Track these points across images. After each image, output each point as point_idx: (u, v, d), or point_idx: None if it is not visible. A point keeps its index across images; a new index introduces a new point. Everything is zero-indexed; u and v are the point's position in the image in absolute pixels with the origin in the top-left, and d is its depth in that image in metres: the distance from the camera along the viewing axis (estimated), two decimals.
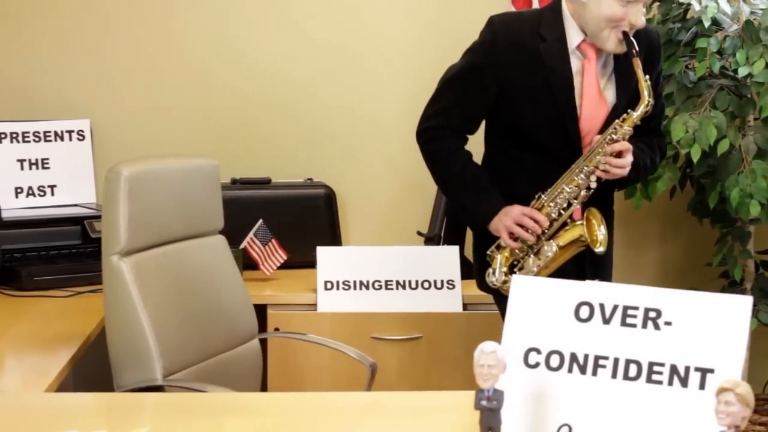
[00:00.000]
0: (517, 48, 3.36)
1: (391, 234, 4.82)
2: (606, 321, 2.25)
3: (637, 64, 3.26)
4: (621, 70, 3.40)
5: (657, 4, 4.34)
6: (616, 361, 2.22)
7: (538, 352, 2.28)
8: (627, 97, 3.37)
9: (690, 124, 4.05)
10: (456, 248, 4.21)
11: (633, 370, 2.21)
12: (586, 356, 2.25)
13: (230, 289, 3.67)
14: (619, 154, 3.30)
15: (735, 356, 2.14)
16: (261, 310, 3.99)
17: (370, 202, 4.87)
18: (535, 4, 4.37)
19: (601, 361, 2.23)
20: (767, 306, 4.31)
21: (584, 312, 2.27)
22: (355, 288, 4.11)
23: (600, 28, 3.28)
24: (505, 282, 3.40)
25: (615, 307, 2.25)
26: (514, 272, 3.37)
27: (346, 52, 4.84)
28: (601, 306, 2.25)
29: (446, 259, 4.18)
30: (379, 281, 4.13)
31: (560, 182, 3.36)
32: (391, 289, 4.13)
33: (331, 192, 4.69)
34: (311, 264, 4.17)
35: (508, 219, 3.37)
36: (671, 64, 4.23)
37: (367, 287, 4.12)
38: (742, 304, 2.16)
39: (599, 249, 3.39)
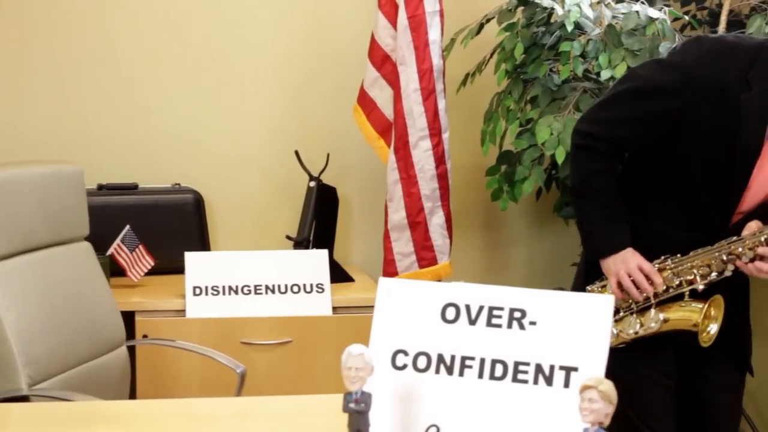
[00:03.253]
0: (717, 88, 2.92)
1: (260, 238, 4.80)
2: (472, 322, 2.27)
3: None
4: None
5: (521, 8, 4.40)
6: (483, 361, 2.25)
7: (406, 353, 2.30)
8: None
9: (554, 126, 4.10)
10: (325, 252, 4.21)
11: (499, 370, 2.23)
12: (452, 357, 2.27)
13: (97, 296, 3.63)
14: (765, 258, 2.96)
15: (598, 354, 2.18)
16: (129, 317, 3.95)
17: (238, 207, 4.84)
18: (401, 5, 4.37)
19: (467, 362, 2.25)
20: None
21: (450, 313, 2.29)
22: (224, 293, 4.09)
23: None
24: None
25: (481, 308, 2.27)
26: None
27: (213, 54, 4.81)
28: (467, 307, 2.28)
29: (315, 262, 4.18)
30: (249, 286, 4.11)
31: (695, 255, 3.04)
32: (261, 293, 4.11)
33: (199, 197, 4.65)
34: (180, 270, 4.14)
35: (622, 267, 3.06)
36: (536, 68, 4.29)
37: (236, 292, 4.10)
38: (604, 303, 2.20)
39: (704, 343, 3.06)
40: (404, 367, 2.29)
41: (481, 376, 2.24)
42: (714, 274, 3.03)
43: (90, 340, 3.53)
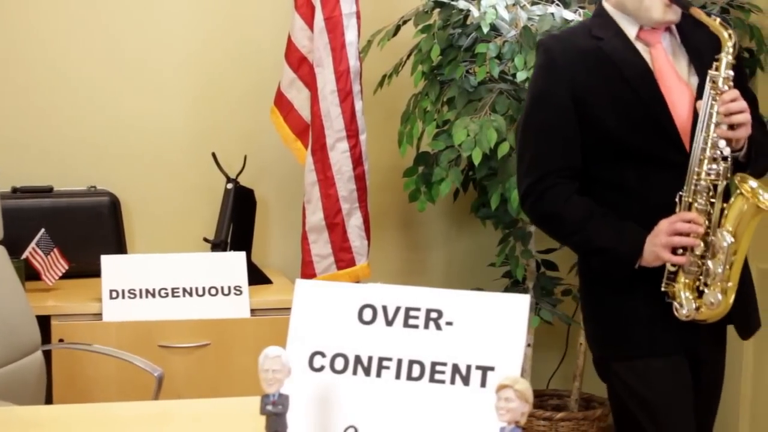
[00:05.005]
0: (577, 54, 3.06)
1: (177, 241, 4.77)
2: (389, 323, 2.28)
3: (697, 12, 2.95)
4: (692, 47, 3.09)
5: (438, 10, 4.42)
6: (400, 361, 2.26)
7: (323, 355, 2.30)
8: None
9: (471, 127, 4.13)
10: (243, 254, 4.20)
11: (416, 371, 2.25)
12: (370, 358, 2.27)
13: (11, 300, 3.59)
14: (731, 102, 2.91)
15: (514, 354, 2.20)
16: (44, 321, 3.91)
17: (155, 209, 4.81)
18: (317, 7, 4.37)
19: (385, 363, 2.26)
20: (549, 304, 4.41)
21: (367, 314, 2.29)
22: (141, 296, 4.06)
23: None
24: (698, 308, 2.93)
25: (398, 309, 2.28)
26: (703, 291, 2.94)
27: (128, 55, 4.76)
28: (384, 308, 2.29)
29: (233, 265, 4.16)
30: (166, 289, 4.09)
31: (691, 170, 2.95)
32: (178, 296, 4.09)
33: (115, 199, 4.61)
34: (96, 273, 4.10)
35: (660, 237, 2.94)
36: (452, 69, 4.31)
37: (153, 295, 4.07)
38: (520, 302, 2.22)
39: None
40: (321, 368, 2.30)
41: (398, 376, 2.25)
42: (720, 165, 2.91)
43: (4, 345, 3.49)
